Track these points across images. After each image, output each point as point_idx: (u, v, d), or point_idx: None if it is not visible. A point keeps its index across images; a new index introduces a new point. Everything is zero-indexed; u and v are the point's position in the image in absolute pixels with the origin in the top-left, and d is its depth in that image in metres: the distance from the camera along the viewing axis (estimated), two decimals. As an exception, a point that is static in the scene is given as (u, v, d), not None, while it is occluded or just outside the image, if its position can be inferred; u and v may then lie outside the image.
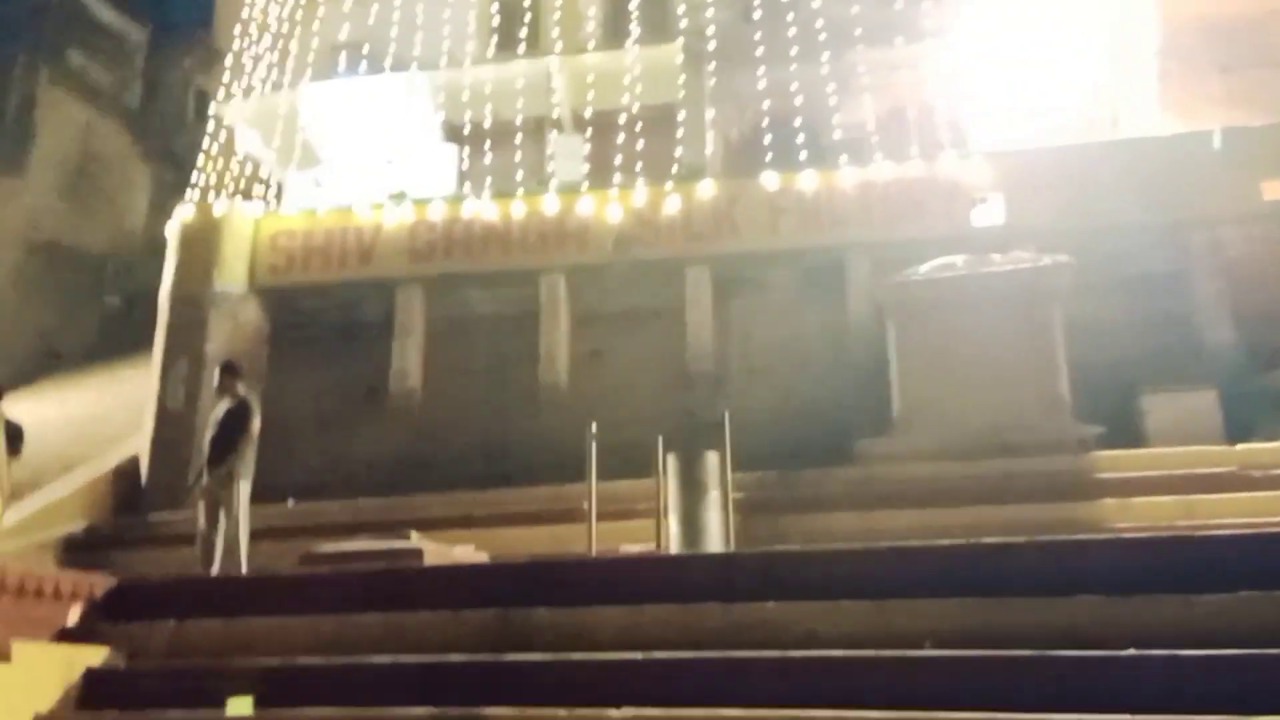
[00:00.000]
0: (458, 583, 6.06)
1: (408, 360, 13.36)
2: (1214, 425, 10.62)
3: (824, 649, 5.00)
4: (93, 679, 5.13)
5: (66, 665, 5.09)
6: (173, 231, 13.94)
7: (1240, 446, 9.96)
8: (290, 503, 11.43)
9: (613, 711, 4.73)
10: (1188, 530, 8.30)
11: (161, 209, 24.45)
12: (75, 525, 11.52)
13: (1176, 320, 11.90)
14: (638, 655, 5.07)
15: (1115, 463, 10.02)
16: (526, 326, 13.26)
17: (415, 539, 8.64)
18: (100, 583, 6.02)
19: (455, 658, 5.14)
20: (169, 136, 26.02)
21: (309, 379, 12.92)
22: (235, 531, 8.22)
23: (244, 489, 8.42)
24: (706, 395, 12.31)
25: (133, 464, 12.80)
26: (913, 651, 4.81)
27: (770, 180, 13.30)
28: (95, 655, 5.27)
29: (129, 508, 12.23)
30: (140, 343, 17.74)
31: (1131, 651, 4.41)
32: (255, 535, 9.59)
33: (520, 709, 4.81)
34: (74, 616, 5.76)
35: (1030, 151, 13.25)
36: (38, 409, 13.18)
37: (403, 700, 4.96)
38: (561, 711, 4.72)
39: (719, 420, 8.81)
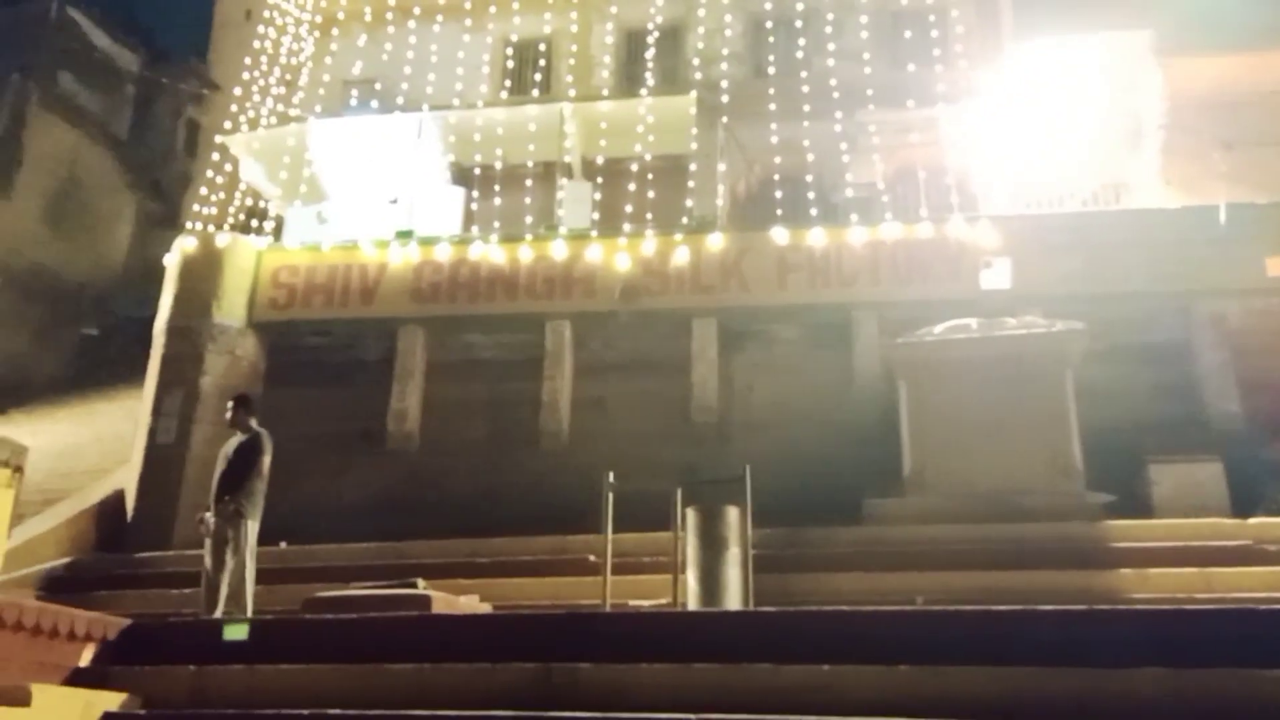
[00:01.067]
0: (493, 633, 5.84)
1: (407, 402, 13.15)
2: (1220, 496, 10.62)
3: (882, 716, 4.84)
4: (113, 725, 4.86)
5: (84, 710, 4.82)
6: (172, 261, 13.69)
7: (1253, 520, 9.94)
8: (283, 545, 11.09)
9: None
10: (1210, 602, 8.29)
11: (144, 239, 24.23)
12: (56, 561, 11.10)
13: (1182, 390, 11.96)
14: (690, 716, 4.88)
15: (1129, 532, 9.96)
16: (529, 372, 13.10)
17: (422, 586, 8.39)
18: (114, 624, 5.75)
19: (498, 713, 4.91)
20: (156, 166, 25.81)
21: (306, 418, 12.60)
22: (241, 573, 7.92)
23: (252, 529, 8.15)
24: (710, 448, 12.18)
25: (117, 499, 12.41)
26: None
27: (780, 235, 13.31)
28: (112, 700, 5.00)
29: (113, 545, 11.84)
30: (117, 374, 17.42)
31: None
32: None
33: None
34: (87, 658, 5.48)
35: (1038, 216, 13.40)
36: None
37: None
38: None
39: (736, 474, 8.66)
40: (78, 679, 5.23)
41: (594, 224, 14.72)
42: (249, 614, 7.88)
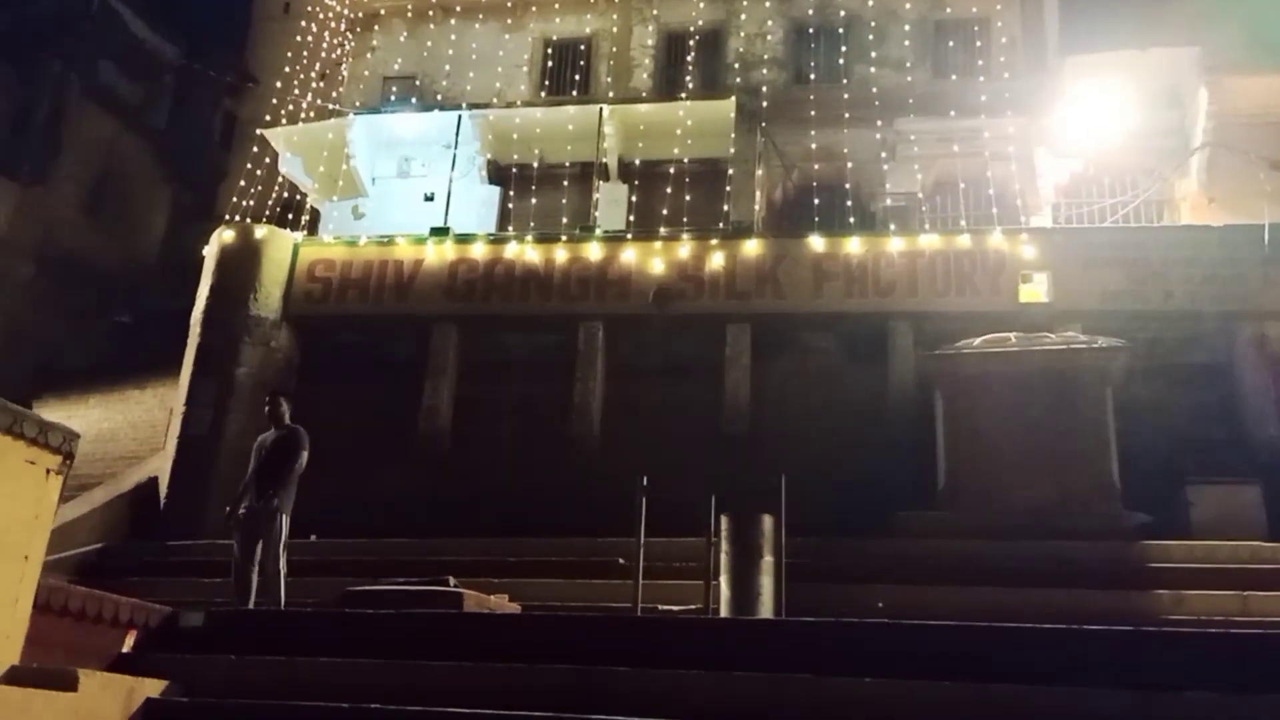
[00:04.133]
0: (530, 633, 5.80)
1: (439, 399, 13.16)
2: (1258, 520, 10.47)
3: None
4: (154, 712, 4.85)
5: (127, 696, 4.81)
6: (210, 252, 13.77)
7: (1292, 544, 9.80)
8: (313, 538, 11.12)
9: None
10: (1247, 626, 8.16)
11: (178, 230, 24.38)
12: (89, 547, 11.16)
13: (1223, 411, 11.81)
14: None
15: (1166, 552, 9.83)
16: (562, 373, 13.09)
17: (454, 584, 8.38)
18: (155, 611, 5.76)
19: (536, 714, 4.87)
20: (192, 158, 25.96)
21: (338, 412, 12.59)
22: (275, 566, 7.94)
23: (284, 522, 8.16)
24: (742, 456, 12.10)
25: (150, 487, 12.49)
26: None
27: (817, 242, 13.23)
28: (154, 687, 4.99)
29: (144, 532, 11.90)
30: (150, 363, 17.52)
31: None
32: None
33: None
34: (129, 644, 5.49)
35: (1080, 231, 13.27)
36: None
37: (481, 757, 4.70)
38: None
39: (772, 483, 8.61)
40: (120, 665, 5.23)
41: (630, 226, 14.70)
42: (281, 606, 7.90)
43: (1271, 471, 10.92)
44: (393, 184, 15.90)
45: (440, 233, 14.02)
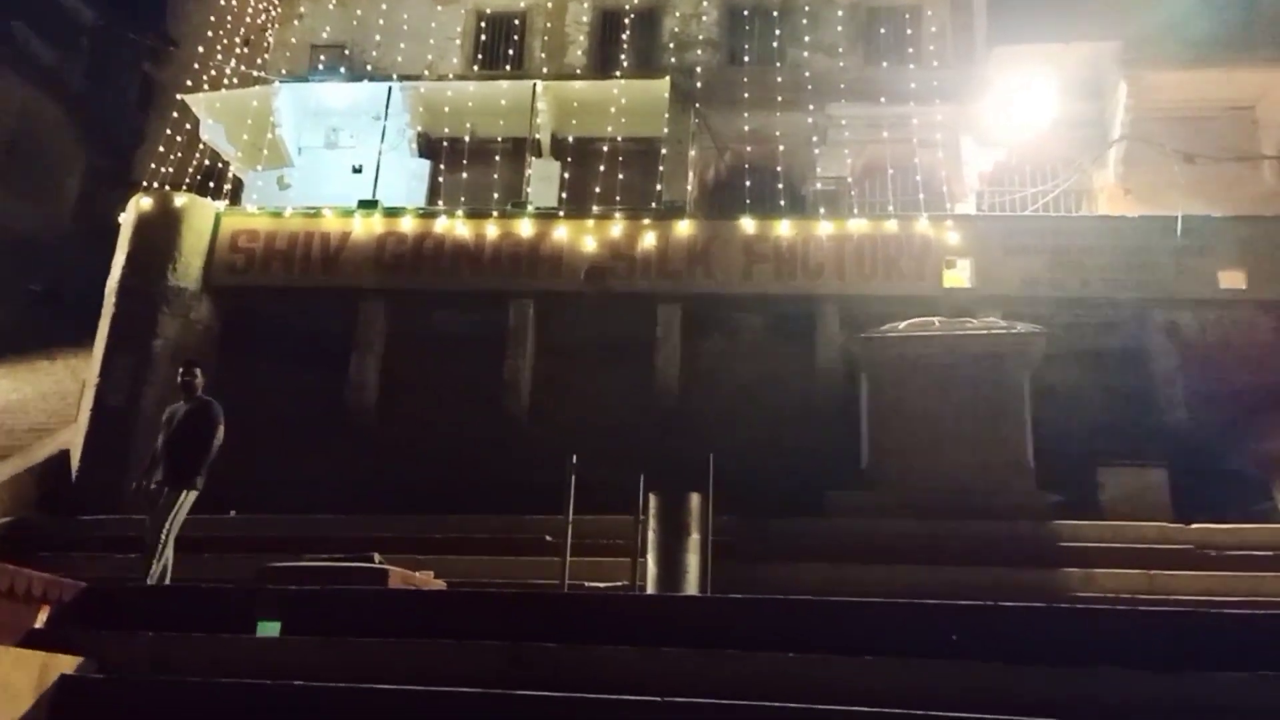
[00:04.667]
0: (457, 610, 5.78)
1: (366, 374, 12.98)
2: (1164, 501, 10.88)
3: (848, 705, 4.87)
4: (69, 688, 4.73)
5: (40, 672, 4.68)
6: (127, 219, 13.34)
7: (1195, 525, 10.21)
8: (232, 514, 10.90)
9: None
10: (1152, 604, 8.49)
11: (94, 197, 23.55)
12: (-3, 521, 10.80)
13: (1134, 396, 12.22)
14: (656, 698, 4.87)
15: (1077, 532, 10.17)
16: (493, 350, 13.00)
17: (378, 560, 8.30)
18: (70, 586, 5.60)
19: (468, 690, 4.86)
20: (110, 123, 25.06)
21: (261, 386, 12.34)
22: (158, 538, 7.65)
23: (190, 498, 7.94)
24: (673, 434, 12.18)
25: (61, 460, 12.11)
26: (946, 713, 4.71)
27: (748, 225, 13.32)
28: (69, 663, 4.86)
29: (55, 506, 11.54)
30: (62, 332, 16.93)
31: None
32: (199, 546, 9.13)
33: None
34: (42, 620, 5.34)
35: (1003, 218, 13.58)
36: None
37: (408, 732, 4.68)
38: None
39: (700, 462, 8.70)
40: (33, 641, 5.09)
41: (562, 203, 14.62)
42: (167, 581, 7.64)
43: (1178, 455, 11.36)
44: (320, 155, 15.57)
45: (369, 205, 13.78)
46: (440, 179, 15.10)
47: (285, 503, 11.34)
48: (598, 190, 14.27)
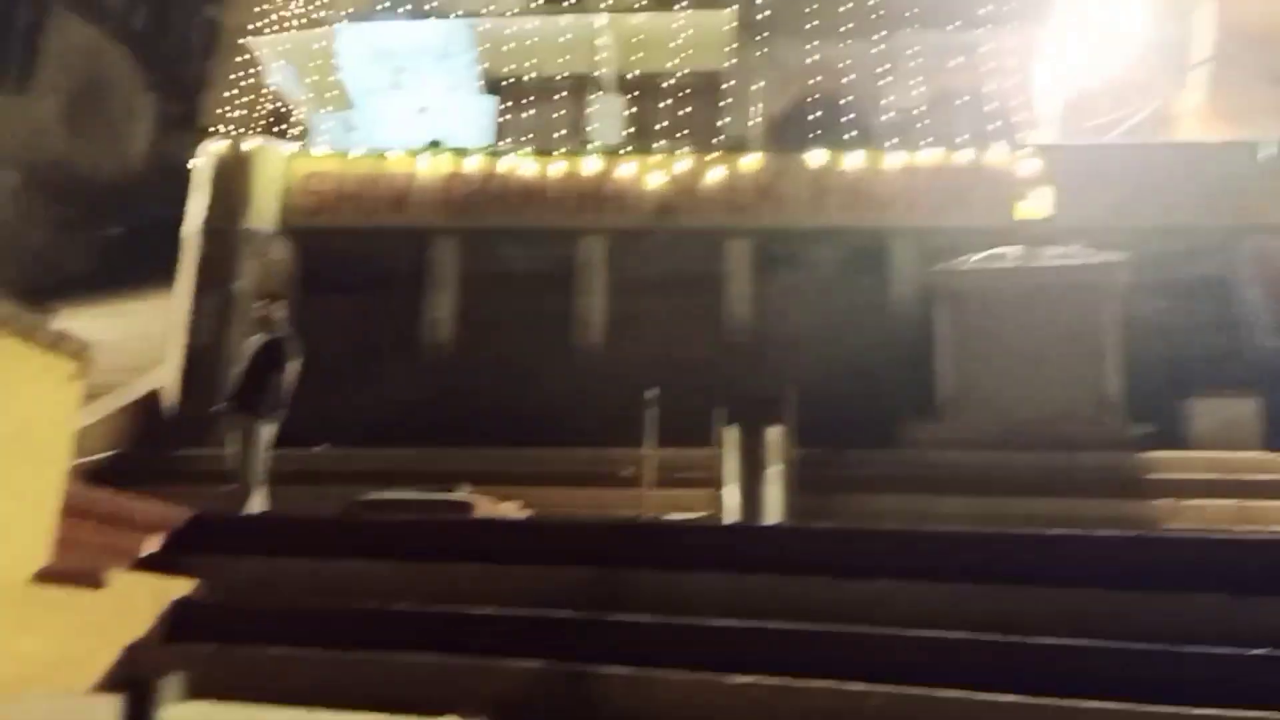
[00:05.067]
0: (547, 538, 5.87)
1: (441, 312, 13.13)
2: (1256, 431, 10.62)
3: (940, 630, 4.87)
4: (183, 610, 4.91)
5: (155, 595, 4.86)
6: (203, 164, 13.52)
7: (1289, 455, 9.97)
8: (321, 449, 11.17)
9: (731, 678, 4.58)
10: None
11: (162, 140, 23.92)
12: (98, 455, 11.16)
13: (1222, 325, 11.89)
14: (751, 623, 4.92)
15: (1165, 463, 9.98)
16: (563, 286, 13.05)
17: (465, 491, 8.47)
18: (178, 514, 5.79)
19: (561, 613, 4.95)
20: (175, 66, 25.33)
21: (339, 324, 12.54)
22: (254, 471, 7.94)
23: (269, 428, 8.14)
24: (745, 367, 12.16)
25: (154, 397, 12.50)
26: (1038, 639, 4.70)
27: (816, 157, 13.11)
28: (182, 587, 5.04)
29: (150, 442, 11.92)
30: (143, 274, 17.32)
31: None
32: (286, 480, 9.34)
33: (634, 669, 4.64)
34: (153, 546, 5.53)
35: (1082, 147, 13.17)
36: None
37: (507, 652, 4.78)
38: (679, 675, 4.55)
39: (777, 394, 8.71)
40: (145, 565, 5.28)
41: (626, 139, 14.50)
42: (262, 509, 7.91)
43: (1269, 384, 11.06)
44: (385, 96, 15.57)
45: (435, 146, 13.80)
46: (505, 118, 15.05)
47: (370, 438, 11.58)
48: (662, 126, 14.13)
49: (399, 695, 4.26)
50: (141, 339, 13.09)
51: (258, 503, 8.00)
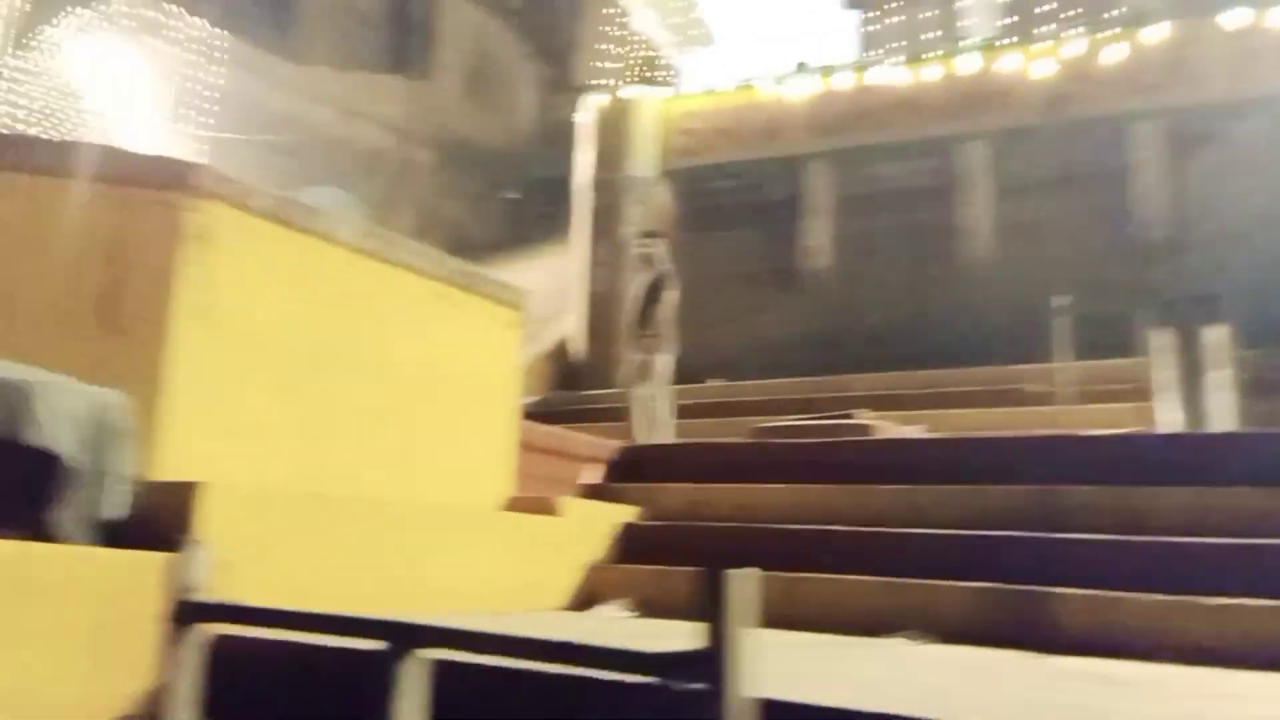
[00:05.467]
0: (974, 456, 5.63)
1: (817, 238, 13.02)
2: None
3: None
4: (630, 532, 5.27)
5: (604, 521, 5.26)
6: (585, 120, 14.33)
7: None
8: (713, 382, 11.57)
9: (1206, 599, 4.14)
10: None
11: (545, 105, 25.69)
12: (528, 398, 12.36)
13: None
14: (1225, 541, 4.41)
15: None
16: (943, 198, 12.43)
17: (864, 416, 8.36)
18: (610, 446, 6.23)
19: (1005, 533, 4.73)
20: (548, 32, 27.01)
21: (718, 260, 12.91)
22: (659, 405, 8.29)
23: (666, 361, 8.46)
24: (1162, 267, 10.96)
25: (561, 344, 13.60)
26: None
27: (1235, 18, 11.37)
28: (627, 513, 5.41)
29: (564, 385, 12.99)
30: (535, 233, 18.82)
31: None
32: (683, 413, 9.75)
33: (1087, 591, 4.32)
34: (591, 476, 5.98)
35: None
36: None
37: (944, 574, 4.64)
38: (1154, 597, 4.17)
39: (1208, 293, 7.76)
40: (589, 494, 5.73)
41: (1004, 30, 13.43)
42: (671, 441, 8.26)
43: None
44: (742, 22, 15.60)
45: (800, 68, 13.62)
46: (872, 27, 14.51)
47: (757, 368, 11.82)
48: (1047, 7, 12.93)
49: (845, 617, 4.29)
50: (540, 293, 14.21)
51: (663, 435, 8.41)
